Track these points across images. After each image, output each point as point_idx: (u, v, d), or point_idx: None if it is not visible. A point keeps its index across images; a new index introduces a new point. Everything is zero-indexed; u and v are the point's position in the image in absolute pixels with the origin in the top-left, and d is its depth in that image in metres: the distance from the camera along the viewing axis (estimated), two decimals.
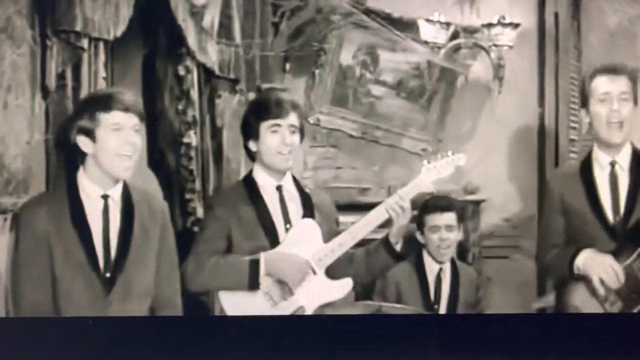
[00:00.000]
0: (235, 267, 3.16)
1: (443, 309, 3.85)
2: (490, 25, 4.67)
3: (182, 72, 4.19)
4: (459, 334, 3.07)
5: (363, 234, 3.24)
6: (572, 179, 3.33)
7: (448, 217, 3.88)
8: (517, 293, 4.60)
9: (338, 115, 4.76)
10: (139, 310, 2.98)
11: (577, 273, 3.25)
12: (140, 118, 2.98)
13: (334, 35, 4.67)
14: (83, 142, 2.92)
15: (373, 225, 3.24)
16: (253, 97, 4.24)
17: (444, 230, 3.86)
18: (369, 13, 4.72)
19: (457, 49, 4.78)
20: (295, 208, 3.27)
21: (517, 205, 4.84)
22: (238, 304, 3.17)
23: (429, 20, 4.64)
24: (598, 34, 4.86)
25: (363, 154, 4.84)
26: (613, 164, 3.29)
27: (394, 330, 3.03)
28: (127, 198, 2.99)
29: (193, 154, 4.25)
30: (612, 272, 3.20)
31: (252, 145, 3.27)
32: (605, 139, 3.27)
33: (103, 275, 2.91)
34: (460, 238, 4.00)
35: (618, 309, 3.21)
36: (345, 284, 3.25)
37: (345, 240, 3.23)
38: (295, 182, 3.33)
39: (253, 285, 3.16)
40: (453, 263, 3.94)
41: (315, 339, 3.02)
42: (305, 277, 3.19)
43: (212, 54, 4.23)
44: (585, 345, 2.99)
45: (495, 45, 4.68)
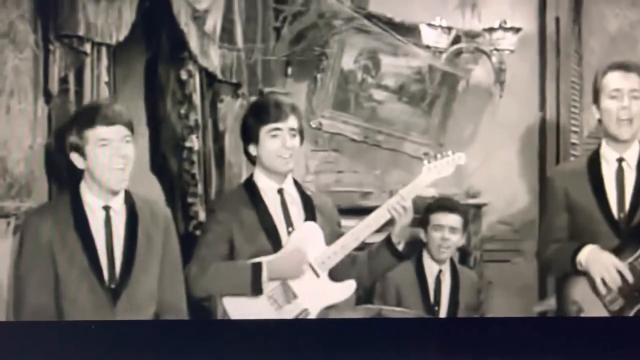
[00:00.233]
0: (238, 272, 3.16)
1: (443, 312, 3.86)
2: (492, 30, 4.68)
3: (184, 76, 4.19)
4: (460, 338, 3.07)
5: (365, 236, 3.24)
6: (578, 175, 3.32)
7: (453, 218, 3.89)
8: (518, 296, 4.61)
9: (340, 120, 4.77)
10: (144, 317, 2.97)
11: (579, 268, 3.24)
12: (129, 128, 2.94)
13: (336, 40, 4.67)
14: (75, 158, 2.92)
15: (375, 227, 3.24)
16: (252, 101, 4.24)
17: (447, 231, 3.87)
18: (371, 18, 4.72)
19: (458, 54, 4.79)
20: (297, 211, 3.27)
21: (518, 209, 4.85)
22: (242, 308, 3.17)
23: (431, 25, 4.64)
24: (599, 39, 4.87)
25: (365, 158, 4.84)
26: (620, 160, 3.29)
27: (395, 334, 3.03)
28: (129, 207, 2.98)
29: (195, 158, 4.25)
30: (615, 273, 3.19)
31: (252, 150, 3.27)
32: (614, 135, 3.27)
33: (108, 287, 2.90)
34: (462, 243, 4.01)
35: (619, 306, 3.21)
36: (348, 286, 3.25)
37: (348, 242, 3.23)
38: (297, 184, 3.33)
39: (256, 291, 3.16)
40: (453, 265, 3.95)
41: (316, 343, 3.02)
42: (304, 267, 3.18)
43: (214, 59, 4.23)
44: (587, 349, 2.98)
45: (497, 50, 4.68)
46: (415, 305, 3.78)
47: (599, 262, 3.21)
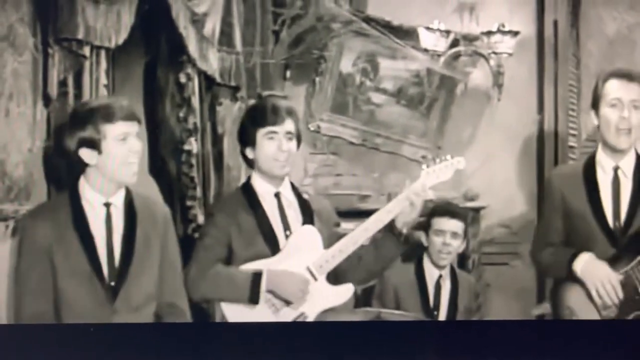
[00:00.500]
0: (237, 280, 3.16)
1: (442, 316, 3.86)
2: (490, 33, 4.68)
3: (183, 79, 4.20)
4: (458, 340, 3.07)
5: (364, 239, 3.24)
6: (574, 179, 3.32)
7: (455, 224, 3.89)
8: (516, 299, 4.61)
9: (338, 123, 4.77)
10: (144, 318, 2.97)
11: (574, 276, 3.24)
12: (140, 123, 2.97)
13: (334, 43, 4.68)
14: (87, 154, 2.89)
15: (374, 231, 3.25)
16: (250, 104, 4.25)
17: (449, 236, 3.87)
18: (369, 21, 4.73)
19: (456, 57, 4.80)
20: (294, 214, 3.28)
21: (516, 212, 4.85)
22: (240, 311, 3.17)
23: (429, 28, 4.65)
24: (597, 42, 4.87)
25: (363, 161, 4.85)
26: (616, 169, 3.29)
27: (393, 336, 3.03)
28: (129, 204, 2.98)
29: (194, 161, 4.26)
30: (610, 287, 3.19)
31: (249, 153, 3.27)
32: (612, 144, 3.27)
33: (107, 284, 2.90)
34: (463, 249, 4.01)
35: (614, 314, 3.21)
36: (347, 290, 3.26)
37: (346, 246, 3.23)
38: (294, 188, 3.34)
39: (253, 300, 3.16)
40: (452, 270, 3.95)
41: (315, 346, 3.03)
42: (306, 294, 3.19)
43: (213, 62, 4.24)
44: (584, 352, 2.98)
45: (495, 53, 4.68)
46: (414, 309, 3.78)
47: (595, 275, 3.21)
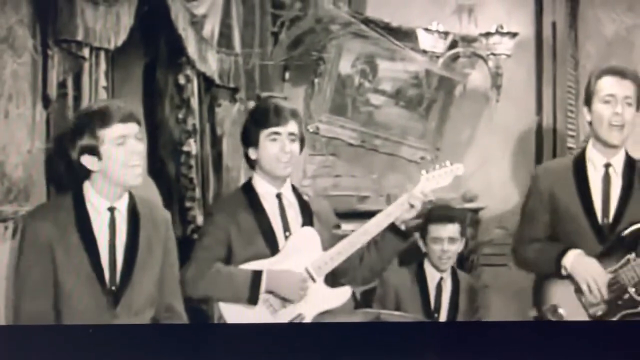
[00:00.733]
0: (236, 280, 3.17)
1: (443, 317, 3.86)
2: (489, 35, 4.69)
3: (182, 81, 4.21)
4: (457, 341, 3.08)
5: (362, 242, 3.24)
6: (563, 174, 3.32)
7: (451, 229, 3.88)
8: (514, 300, 4.61)
9: (337, 124, 4.78)
10: (143, 321, 2.96)
11: (563, 272, 3.24)
12: (139, 123, 2.94)
13: (333, 45, 4.69)
14: (88, 161, 2.87)
15: (372, 234, 3.24)
16: (253, 105, 4.26)
17: (447, 243, 3.86)
18: (368, 23, 4.74)
19: (455, 58, 4.81)
20: (295, 216, 3.28)
21: (515, 213, 4.84)
22: (238, 312, 3.17)
23: (428, 30, 4.66)
24: (595, 43, 4.88)
25: (362, 162, 4.85)
26: (607, 166, 3.29)
27: (393, 338, 3.04)
28: (132, 209, 2.97)
29: (193, 163, 4.26)
30: (600, 282, 3.19)
31: (252, 153, 3.28)
32: (604, 139, 3.26)
33: (109, 288, 2.89)
34: (462, 249, 4.01)
35: (602, 312, 3.22)
36: (344, 292, 3.26)
37: (345, 249, 3.23)
38: (294, 190, 3.34)
39: (252, 300, 3.16)
40: (453, 272, 3.95)
41: (315, 347, 3.03)
42: (305, 293, 3.20)
43: (212, 63, 4.25)
44: (583, 353, 2.99)
45: (493, 54, 4.69)
46: (415, 310, 3.78)
47: (585, 270, 3.21)
